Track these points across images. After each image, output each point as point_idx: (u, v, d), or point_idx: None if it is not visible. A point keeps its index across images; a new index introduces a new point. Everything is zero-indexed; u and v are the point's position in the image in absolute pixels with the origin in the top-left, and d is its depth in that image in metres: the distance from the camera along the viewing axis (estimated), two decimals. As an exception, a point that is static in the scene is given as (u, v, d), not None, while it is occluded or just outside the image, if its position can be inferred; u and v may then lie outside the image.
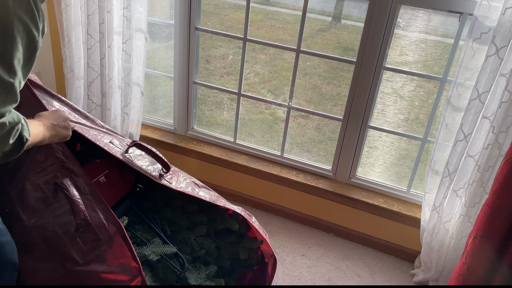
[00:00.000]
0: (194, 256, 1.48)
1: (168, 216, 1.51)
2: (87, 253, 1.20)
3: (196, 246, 1.46)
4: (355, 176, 2.15)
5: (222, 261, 1.51)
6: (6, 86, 0.91)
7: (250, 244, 1.59)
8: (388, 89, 4.32)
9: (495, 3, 1.50)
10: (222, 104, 4.18)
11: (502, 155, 1.61)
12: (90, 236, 1.21)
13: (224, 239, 1.56)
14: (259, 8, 7.05)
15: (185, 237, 1.47)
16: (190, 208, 1.56)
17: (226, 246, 1.54)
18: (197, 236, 1.48)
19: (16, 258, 1.19)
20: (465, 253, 1.54)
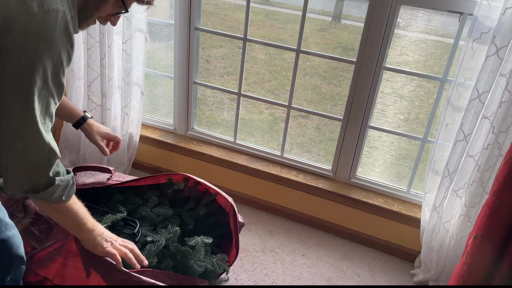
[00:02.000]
0: (156, 226, 1.55)
1: (120, 199, 1.57)
2: (43, 239, 1.32)
3: (153, 216, 1.54)
4: (355, 176, 2.15)
5: (186, 225, 1.60)
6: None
7: (206, 200, 1.69)
8: (388, 89, 4.32)
9: (495, 3, 1.50)
10: (222, 104, 4.18)
11: (502, 155, 1.61)
12: (43, 226, 1.33)
13: (185, 207, 1.66)
14: (259, 8, 7.05)
15: (141, 213, 1.54)
16: (141, 191, 1.65)
17: (187, 212, 1.63)
18: (152, 208, 1.56)
19: (22, 252, 1.18)
20: (465, 253, 1.54)
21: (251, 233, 2.12)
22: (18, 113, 0.90)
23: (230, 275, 1.83)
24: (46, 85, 0.91)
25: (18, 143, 0.92)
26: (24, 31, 0.85)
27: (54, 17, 0.88)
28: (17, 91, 0.88)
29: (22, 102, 0.89)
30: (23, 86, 0.88)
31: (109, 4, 1.04)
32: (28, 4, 0.86)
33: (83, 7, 1.02)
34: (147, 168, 2.49)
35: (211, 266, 1.54)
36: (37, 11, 0.86)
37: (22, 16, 0.85)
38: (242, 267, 1.90)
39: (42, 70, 0.89)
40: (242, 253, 1.98)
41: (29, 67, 0.87)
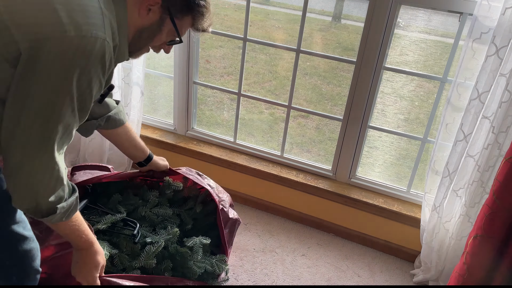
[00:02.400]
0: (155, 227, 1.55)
1: (119, 199, 1.57)
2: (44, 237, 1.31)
3: (152, 216, 1.54)
4: (355, 176, 2.15)
5: (185, 225, 1.61)
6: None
7: (202, 197, 1.71)
8: (388, 89, 4.32)
9: (495, 3, 1.50)
10: (222, 104, 4.18)
11: (502, 155, 1.61)
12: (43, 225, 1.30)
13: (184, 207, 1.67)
14: (259, 8, 7.05)
15: (141, 213, 1.54)
16: (140, 191, 1.65)
17: (186, 212, 1.64)
18: (151, 208, 1.57)
19: (38, 265, 1.16)
20: (465, 253, 1.54)
21: (251, 233, 2.12)
22: (37, 136, 0.87)
23: (230, 275, 1.83)
24: (71, 112, 0.88)
25: (29, 164, 0.89)
26: (57, 55, 0.82)
27: (91, 44, 0.84)
28: (39, 114, 0.85)
29: (43, 126, 0.86)
30: (47, 110, 0.85)
31: (163, 34, 1.03)
32: (65, 27, 0.82)
33: (136, 37, 1.00)
34: (147, 168, 2.49)
35: (210, 267, 1.54)
36: (73, 35, 0.82)
37: (57, 39, 0.82)
38: (242, 267, 1.90)
39: (69, 98, 0.86)
40: (242, 253, 1.98)
41: (56, 92, 0.84)
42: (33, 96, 0.84)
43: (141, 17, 0.98)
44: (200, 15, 1.04)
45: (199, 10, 1.03)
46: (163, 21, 1.00)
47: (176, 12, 1.00)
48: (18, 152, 0.88)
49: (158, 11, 0.98)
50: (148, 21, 0.99)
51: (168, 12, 0.99)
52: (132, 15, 0.97)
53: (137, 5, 0.96)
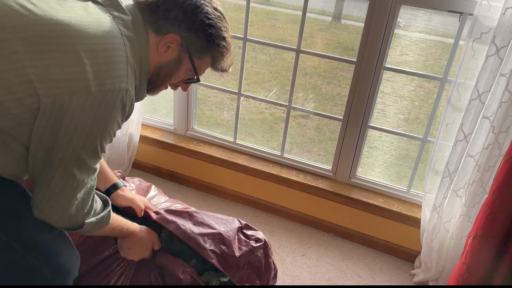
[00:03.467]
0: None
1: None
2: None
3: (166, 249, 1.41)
4: (355, 176, 2.15)
5: (204, 262, 1.42)
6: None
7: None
8: (388, 89, 4.32)
9: (495, 3, 1.50)
10: (222, 104, 4.18)
11: (502, 155, 1.61)
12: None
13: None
14: (259, 8, 7.05)
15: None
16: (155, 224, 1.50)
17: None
18: (165, 242, 1.43)
19: (76, 274, 1.15)
20: (465, 253, 1.54)
21: (251, 233, 2.12)
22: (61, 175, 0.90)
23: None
24: (93, 157, 0.92)
25: (58, 198, 0.93)
26: (82, 109, 0.84)
27: (114, 97, 0.87)
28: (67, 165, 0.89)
29: (68, 179, 0.90)
30: (70, 160, 0.88)
31: (180, 72, 1.03)
32: (89, 81, 0.84)
33: (155, 74, 1.01)
34: (147, 168, 2.49)
35: None
36: (96, 90, 0.84)
37: (81, 94, 0.83)
38: (242, 267, 1.90)
39: (92, 148, 0.90)
40: (242, 253, 1.98)
41: (79, 144, 0.87)
42: (58, 146, 0.87)
43: (160, 54, 0.98)
44: (219, 56, 1.03)
45: (218, 50, 1.02)
46: (182, 59, 1.00)
47: (195, 51, 1.00)
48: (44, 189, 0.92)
49: (177, 49, 0.99)
50: (166, 59, 1.00)
51: (187, 50, 0.99)
52: (152, 52, 0.97)
53: (157, 42, 0.97)
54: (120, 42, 0.90)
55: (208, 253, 1.32)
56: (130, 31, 0.93)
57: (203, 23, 0.97)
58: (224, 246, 1.36)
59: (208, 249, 1.33)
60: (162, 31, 0.96)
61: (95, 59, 0.85)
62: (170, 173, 2.44)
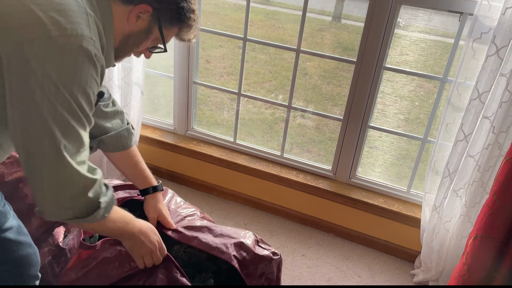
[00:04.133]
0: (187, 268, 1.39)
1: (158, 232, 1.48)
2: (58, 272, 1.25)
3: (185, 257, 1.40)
4: (355, 176, 2.15)
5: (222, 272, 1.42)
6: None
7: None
8: (388, 89, 4.32)
9: (495, 3, 1.50)
10: (222, 104, 4.18)
11: (502, 155, 1.61)
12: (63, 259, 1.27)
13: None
14: (259, 8, 7.05)
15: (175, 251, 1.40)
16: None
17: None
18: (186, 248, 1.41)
19: (36, 271, 1.14)
20: (465, 254, 1.54)
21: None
22: (46, 146, 0.84)
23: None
24: (73, 116, 0.86)
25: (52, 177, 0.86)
26: (45, 57, 0.79)
27: (77, 43, 0.82)
28: (40, 123, 0.82)
29: (49, 139, 0.84)
30: (47, 118, 0.82)
31: (148, 41, 1.04)
32: (48, 27, 0.79)
33: (123, 43, 1.01)
34: (147, 168, 2.49)
35: None
36: (57, 35, 0.80)
37: (42, 39, 0.79)
38: (242, 267, 1.90)
39: (67, 102, 0.83)
40: (242, 253, 1.98)
41: (50, 97, 0.81)
42: (34, 102, 0.81)
43: (130, 23, 0.98)
44: (187, 27, 1.05)
45: (188, 22, 1.04)
46: (151, 29, 1.01)
47: (165, 22, 1.01)
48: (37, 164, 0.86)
49: (147, 19, 0.99)
50: (136, 28, 1.00)
51: (158, 21, 1.00)
52: (120, 21, 0.97)
53: (127, 11, 0.96)
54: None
55: (231, 257, 1.32)
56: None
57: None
58: (245, 253, 1.37)
59: (232, 254, 1.34)
60: (133, 1, 0.96)
61: (47, 5, 0.82)
62: (170, 173, 2.44)
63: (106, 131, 1.29)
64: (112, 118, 1.30)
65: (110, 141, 1.30)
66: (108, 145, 1.30)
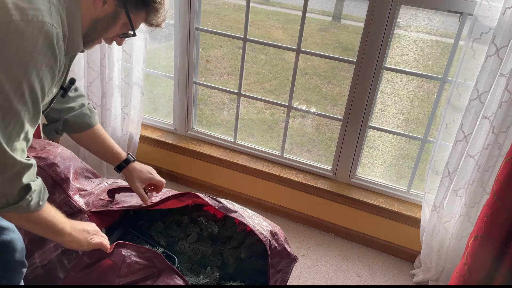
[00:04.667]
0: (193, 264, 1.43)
1: (161, 229, 1.48)
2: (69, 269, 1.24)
3: (191, 253, 1.43)
4: (355, 176, 2.15)
5: (227, 266, 1.45)
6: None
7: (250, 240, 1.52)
8: (388, 89, 4.32)
9: (495, 3, 1.50)
10: (222, 104, 4.18)
11: (502, 155, 1.61)
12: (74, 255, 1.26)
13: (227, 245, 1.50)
14: (259, 8, 7.05)
15: (180, 248, 1.43)
16: (183, 220, 1.53)
17: (229, 251, 1.47)
18: (191, 243, 1.45)
19: (22, 257, 1.15)
20: (466, 254, 1.54)
21: (251, 233, 2.12)
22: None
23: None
24: (19, 100, 0.85)
25: None
26: (2, 41, 0.80)
27: (38, 29, 0.83)
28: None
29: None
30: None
31: (117, 27, 1.04)
32: (10, 11, 0.81)
33: (91, 28, 1.01)
34: (147, 168, 2.49)
35: None
36: (18, 20, 0.81)
37: (2, 24, 0.80)
38: (242, 267, 1.90)
39: (16, 84, 0.83)
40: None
41: (2, 79, 0.81)
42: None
43: (96, 8, 0.99)
44: (154, 11, 1.06)
45: (154, 6, 1.04)
46: (118, 14, 1.01)
47: (131, 7, 1.01)
48: None
49: (113, 3, 0.99)
50: (103, 13, 1.00)
51: (124, 5, 1.00)
52: (87, 6, 0.97)
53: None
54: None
55: (268, 241, 1.34)
56: None
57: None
58: (277, 244, 1.39)
59: (269, 239, 1.35)
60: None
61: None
62: (170, 173, 2.44)
63: (68, 112, 1.30)
64: (74, 101, 1.32)
65: (74, 121, 1.31)
66: (73, 125, 1.31)
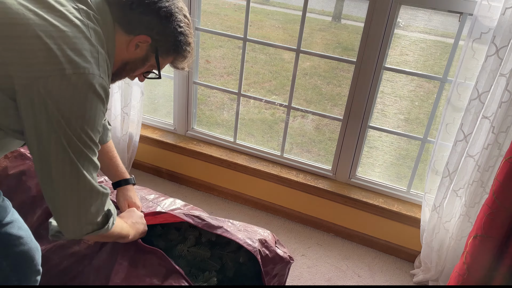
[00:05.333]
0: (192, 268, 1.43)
1: (160, 233, 1.49)
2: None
3: (189, 257, 1.44)
4: (355, 176, 2.15)
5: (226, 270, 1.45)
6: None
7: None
8: (388, 89, 4.33)
9: (495, 3, 1.50)
10: (222, 104, 4.18)
11: (502, 155, 1.61)
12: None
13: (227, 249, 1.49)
14: (259, 8, 7.05)
15: (179, 251, 1.44)
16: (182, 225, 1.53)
17: (229, 255, 1.47)
18: (189, 247, 1.45)
19: (38, 265, 1.16)
20: (465, 253, 1.54)
21: (251, 233, 2.12)
22: (67, 171, 0.92)
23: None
24: (82, 143, 0.93)
25: (74, 197, 0.95)
26: (59, 93, 0.86)
27: (89, 81, 0.89)
28: (60, 151, 0.90)
29: (69, 164, 0.92)
30: (66, 147, 0.90)
31: (144, 68, 1.09)
32: (63, 65, 0.86)
33: (120, 68, 1.06)
34: (147, 168, 2.49)
35: None
36: (71, 73, 0.86)
37: (57, 77, 0.85)
38: (242, 267, 1.90)
39: (76, 132, 0.90)
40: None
41: (61, 130, 0.88)
42: (44, 134, 0.89)
43: (129, 51, 1.03)
44: (182, 58, 1.11)
45: (183, 54, 1.10)
46: (148, 57, 1.06)
47: (162, 52, 1.07)
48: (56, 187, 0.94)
49: (146, 48, 1.04)
50: (134, 56, 1.05)
51: (155, 51, 1.05)
52: (121, 48, 1.02)
53: (127, 40, 1.02)
54: (85, 31, 0.92)
55: (257, 251, 1.36)
56: (96, 25, 0.96)
57: (175, 30, 1.04)
58: (267, 251, 1.41)
59: (258, 248, 1.37)
60: (134, 32, 1.01)
61: (64, 45, 0.88)
62: (170, 173, 2.44)
63: None
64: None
65: None
66: None
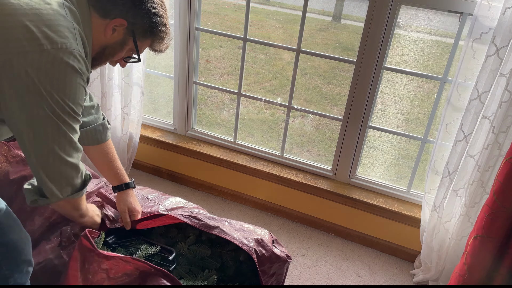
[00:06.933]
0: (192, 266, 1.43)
1: (162, 231, 1.49)
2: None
3: (189, 255, 1.43)
4: (355, 176, 2.15)
5: (226, 268, 1.45)
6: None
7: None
8: (388, 89, 4.33)
9: (495, 3, 1.50)
10: (222, 104, 4.18)
11: (502, 155, 1.61)
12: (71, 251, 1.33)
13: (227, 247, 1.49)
14: (259, 8, 7.05)
15: (179, 249, 1.44)
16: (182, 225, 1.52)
17: (229, 253, 1.47)
18: (190, 245, 1.45)
19: (29, 255, 1.17)
20: (466, 253, 1.54)
21: (251, 233, 2.12)
22: (49, 139, 0.96)
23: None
24: (66, 115, 0.96)
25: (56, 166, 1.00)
26: (38, 68, 0.88)
27: (67, 55, 0.92)
28: (47, 120, 0.93)
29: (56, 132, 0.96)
30: (39, 124, 0.93)
31: (123, 52, 1.12)
32: (40, 41, 0.88)
33: (99, 53, 1.09)
34: (147, 168, 2.49)
35: None
36: (49, 49, 0.89)
37: (35, 53, 0.88)
38: (242, 267, 1.90)
39: (58, 104, 0.93)
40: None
41: (39, 104, 0.91)
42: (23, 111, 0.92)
43: (106, 36, 1.06)
44: (160, 40, 1.13)
45: (160, 35, 1.12)
46: (126, 41, 1.09)
47: (139, 35, 1.09)
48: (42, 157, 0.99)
49: (123, 32, 1.07)
50: (112, 40, 1.08)
51: (132, 34, 1.07)
52: (98, 33, 1.05)
53: (104, 24, 1.04)
54: (59, 9, 0.95)
55: (253, 251, 1.37)
56: (71, 4, 0.99)
57: (149, 11, 1.06)
58: (264, 250, 1.41)
59: (254, 248, 1.38)
60: (109, 15, 1.03)
61: (39, 21, 0.90)
62: (170, 173, 2.44)
63: (81, 126, 1.35)
64: (88, 113, 1.37)
65: (85, 135, 1.36)
66: (83, 138, 1.37)
